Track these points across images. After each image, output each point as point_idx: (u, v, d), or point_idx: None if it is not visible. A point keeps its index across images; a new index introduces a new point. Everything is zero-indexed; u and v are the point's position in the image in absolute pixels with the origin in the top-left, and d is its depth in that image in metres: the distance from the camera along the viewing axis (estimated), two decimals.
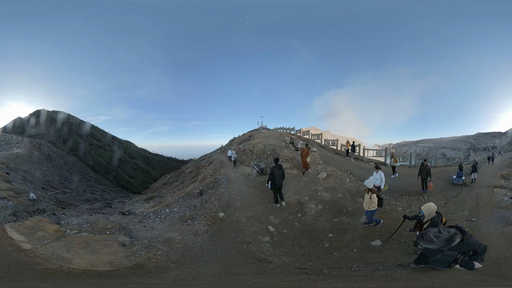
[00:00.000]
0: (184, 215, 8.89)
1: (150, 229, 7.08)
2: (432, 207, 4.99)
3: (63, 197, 13.22)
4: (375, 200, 6.78)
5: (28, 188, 11.74)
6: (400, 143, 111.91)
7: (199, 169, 19.08)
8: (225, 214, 8.42)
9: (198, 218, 8.27)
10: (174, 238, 6.39)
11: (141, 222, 8.03)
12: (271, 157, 14.69)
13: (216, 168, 15.39)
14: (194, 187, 12.92)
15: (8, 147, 24.90)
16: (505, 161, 20.79)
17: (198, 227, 7.48)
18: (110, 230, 6.19)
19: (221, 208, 8.98)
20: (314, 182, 10.78)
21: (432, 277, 3.86)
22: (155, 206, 10.81)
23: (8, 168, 14.73)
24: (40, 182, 15.61)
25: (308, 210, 8.76)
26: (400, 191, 10.29)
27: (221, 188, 11.03)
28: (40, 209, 8.43)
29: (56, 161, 28.83)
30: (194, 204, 10.21)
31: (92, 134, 57.00)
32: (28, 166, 18.48)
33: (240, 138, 28.14)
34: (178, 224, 7.89)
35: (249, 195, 10.24)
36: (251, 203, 9.41)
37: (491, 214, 6.79)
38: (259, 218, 8.30)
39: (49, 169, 22.04)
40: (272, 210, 8.88)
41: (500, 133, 77.42)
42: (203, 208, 9.40)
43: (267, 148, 16.57)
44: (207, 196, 10.68)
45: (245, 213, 8.60)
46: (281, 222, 8.12)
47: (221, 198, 9.86)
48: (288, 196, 9.64)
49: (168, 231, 6.99)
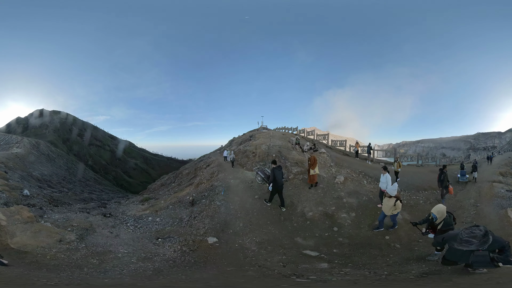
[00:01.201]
0: (163, 230, 7.36)
1: (112, 237, 6.35)
2: (442, 208, 4.95)
3: (58, 195, 13.17)
4: (399, 206, 6.56)
5: (24, 186, 11.78)
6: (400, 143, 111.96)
7: (196, 171, 17.97)
8: (218, 239, 6.43)
9: (175, 238, 6.54)
10: (123, 256, 5.24)
11: (114, 227, 7.31)
12: (276, 160, 12.99)
13: (213, 172, 13.84)
14: (188, 193, 11.39)
15: (8, 147, 24.84)
16: (504, 160, 22.77)
17: (170, 252, 5.69)
18: (72, 227, 6.43)
19: (213, 229, 7.08)
20: (333, 188, 9.66)
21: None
22: (146, 209, 9.80)
23: (6, 168, 14.67)
24: (37, 181, 15.54)
25: (342, 221, 7.64)
26: (416, 187, 11.22)
27: (216, 200, 9.28)
28: (31, 204, 8.71)
29: (55, 161, 28.73)
30: (181, 216, 8.53)
31: (92, 134, 56.89)
32: (27, 166, 18.41)
33: (240, 138, 26.51)
34: (147, 239, 6.57)
35: (255, 211, 8.32)
36: (260, 222, 7.54)
37: (491, 201, 8.71)
38: (280, 242, 6.36)
39: (47, 169, 21.95)
40: (293, 229, 7.16)
41: (499, 133, 77.47)
42: (189, 225, 7.70)
43: (272, 149, 14.91)
44: (198, 208, 9.00)
45: (253, 237, 6.68)
46: (319, 242, 6.54)
47: (215, 215, 8.05)
48: (310, 209, 8.25)
49: (129, 246, 5.89)
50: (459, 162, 19.65)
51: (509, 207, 7.25)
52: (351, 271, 4.66)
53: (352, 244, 6.41)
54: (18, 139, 28.75)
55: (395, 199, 6.52)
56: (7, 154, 18.89)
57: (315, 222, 7.67)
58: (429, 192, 10.60)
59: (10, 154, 19.45)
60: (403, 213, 8.42)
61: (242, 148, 17.46)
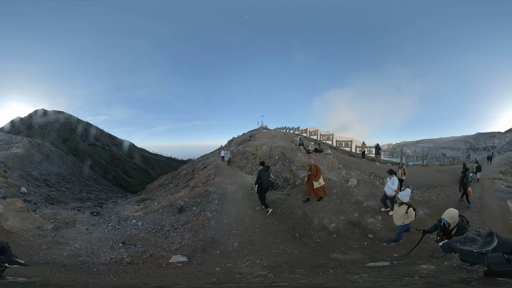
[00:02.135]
0: (136, 235, 6.66)
1: (84, 234, 6.53)
2: (454, 213, 4.64)
3: (55, 194, 13.26)
4: (412, 214, 5.75)
5: (22, 184, 11.91)
6: (400, 143, 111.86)
7: (194, 172, 17.31)
8: (188, 260, 5.11)
9: (138, 247, 5.77)
10: (71, 249, 5.42)
11: (94, 225, 7.32)
12: (280, 162, 11.99)
13: (209, 175, 12.86)
14: (181, 197, 10.43)
15: (8, 147, 24.84)
16: (504, 160, 23.89)
17: (117, 258, 5.15)
18: (55, 220, 7.15)
19: (191, 247, 5.88)
20: (348, 193, 8.97)
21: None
22: (139, 211, 9.38)
23: (6, 167, 14.69)
24: (36, 181, 15.55)
25: (372, 226, 6.95)
26: (426, 185, 11.77)
27: (208, 210, 8.07)
28: (27, 200, 9.18)
29: (55, 160, 28.71)
30: (163, 224, 7.65)
31: (92, 134, 56.86)
32: (26, 166, 18.40)
33: (239, 138, 25.41)
34: (111, 241, 6.16)
35: (258, 226, 6.97)
36: (266, 241, 6.22)
37: (493, 195, 9.86)
38: (312, 262, 5.07)
39: (47, 169, 21.92)
40: (318, 246, 5.98)
41: (499, 133, 77.42)
42: (164, 236, 6.64)
43: (274, 151, 13.55)
44: (185, 217, 7.87)
45: (256, 259, 5.17)
46: (367, 252, 5.71)
47: (201, 230, 6.76)
48: (330, 219, 7.26)
49: (88, 244, 5.91)
50: (461, 162, 19.74)
51: (508, 199, 8.38)
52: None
53: (402, 245, 5.89)
54: (18, 139, 28.73)
55: (407, 207, 5.79)
56: (7, 154, 18.91)
57: (343, 233, 6.60)
58: (438, 189, 11.31)
59: (10, 154, 19.46)
60: (423, 208, 8.47)
61: (241, 148, 16.42)
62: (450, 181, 12.58)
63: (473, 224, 7.05)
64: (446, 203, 9.06)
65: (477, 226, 6.92)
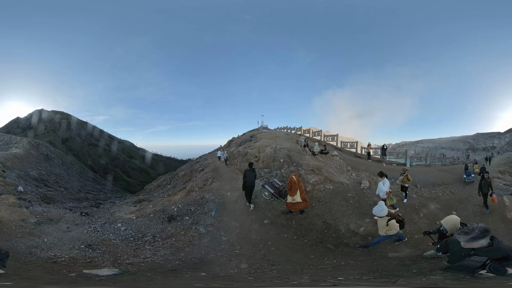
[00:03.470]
0: (109, 240, 6.06)
1: (63, 231, 6.52)
2: (455, 220, 4.43)
3: (52, 194, 13.24)
4: (395, 226, 5.59)
5: (19, 184, 11.88)
6: (400, 143, 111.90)
7: (192, 173, 16.66)
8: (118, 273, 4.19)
9: (99, 253, 5.17)
10: (39, 244, 5.47)
11: (78, 224, 7.27)
12: (286, 166, 10.75)
13: (207, 179, 11.88)
14: (175, 202, 9.46)
15: (7, 147, 24.79)
16: (503, 160, 24.25)
17: (69, 257, 4.86)
18: (41, 216, 7.56)
19: (153, 268, 4.62)
20: (363, 194, 8.85)
21: None
22: (133, 213, 8.92)
23: (4, 167, 14.64)
24: (34, 181, 15.50)
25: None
26: (432, 183, 12.21)
27: (201, 223, 6.99)
28: (22, 198, 9.43)
29: (54, 161, 28.61)
30: (146, 233, 6.71)
31: (91, 134, 56.79)
32: (25, 166, 18.32)
33: (239, 138, 24.45)
34: (80, 242, 5.93)
35: (271, 242, 5.96)
36: (295, 258, 5.23)
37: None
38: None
39: (46, 169, 21.84)
40: (358, 254, 5.52)
41: (499, 133, 77.46)
42: (135, 248, 5.64)
43: (279, 153, 12.23)
44: (173, 228, 6.82)
45: None
46: (414, 252, 5.44)
47: (188, 249, 5.59)
48: (356, 224, 6.89)
49: (58, 240, 5.87)
50: (462, 162, 19.98)
51: (504, 195, 9.18)
52: None
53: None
54: (17, 139, 28.67)
55: (388, 218, 5.61)
56: (6, 154, 18.87)
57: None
58: (443, 187, 11.96)
59: (9, 154, 19.42)
60: (433, 203, 9.15)
61: (242, 150, 15.16)
62: (452, 180, 13.50)
63: (474, 219, 8.02)
64: (451, 198, 10.21)
65: (478, 219, 7.90)
